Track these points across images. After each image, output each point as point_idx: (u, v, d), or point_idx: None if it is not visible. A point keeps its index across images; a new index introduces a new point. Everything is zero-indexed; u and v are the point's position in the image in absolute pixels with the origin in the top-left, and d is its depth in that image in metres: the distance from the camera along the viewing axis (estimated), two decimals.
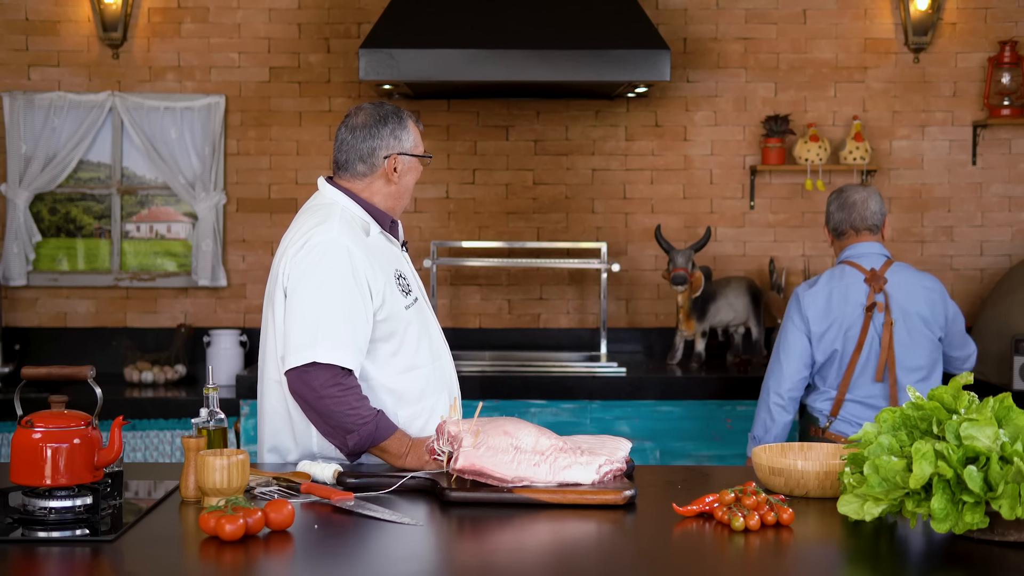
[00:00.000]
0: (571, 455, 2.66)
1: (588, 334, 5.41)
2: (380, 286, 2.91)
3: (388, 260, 2.99)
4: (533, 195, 5.43)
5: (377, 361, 2.92)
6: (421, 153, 3.06)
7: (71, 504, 2.37)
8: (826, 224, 4.04)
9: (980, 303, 5.37)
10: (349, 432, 2.81)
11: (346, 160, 3.01)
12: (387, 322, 2.92)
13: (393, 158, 3.00)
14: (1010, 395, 2.27)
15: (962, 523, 2.15)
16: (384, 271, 2.94)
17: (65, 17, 5.35)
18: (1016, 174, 5.40)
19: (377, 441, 2.83)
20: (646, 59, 4.70)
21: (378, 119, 3.00)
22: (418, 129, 3.08)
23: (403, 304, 2.95)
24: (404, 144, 3.02)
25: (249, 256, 5.43)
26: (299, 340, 2.82)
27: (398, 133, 3.01)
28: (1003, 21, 5.37)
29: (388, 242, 3.04)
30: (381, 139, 2.99)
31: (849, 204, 3.95)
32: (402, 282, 2.98)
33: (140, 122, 5.31)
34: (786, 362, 3.86)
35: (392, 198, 3.04)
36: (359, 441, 2.83)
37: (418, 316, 3.00)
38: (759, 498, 2.38)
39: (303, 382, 2.81)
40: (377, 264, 2.92)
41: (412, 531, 2.35)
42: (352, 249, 2.87)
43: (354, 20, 5.38)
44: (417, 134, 3.06)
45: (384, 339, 2.93)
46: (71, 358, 5.23)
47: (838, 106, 5.40)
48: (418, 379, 2.98)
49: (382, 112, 3.01)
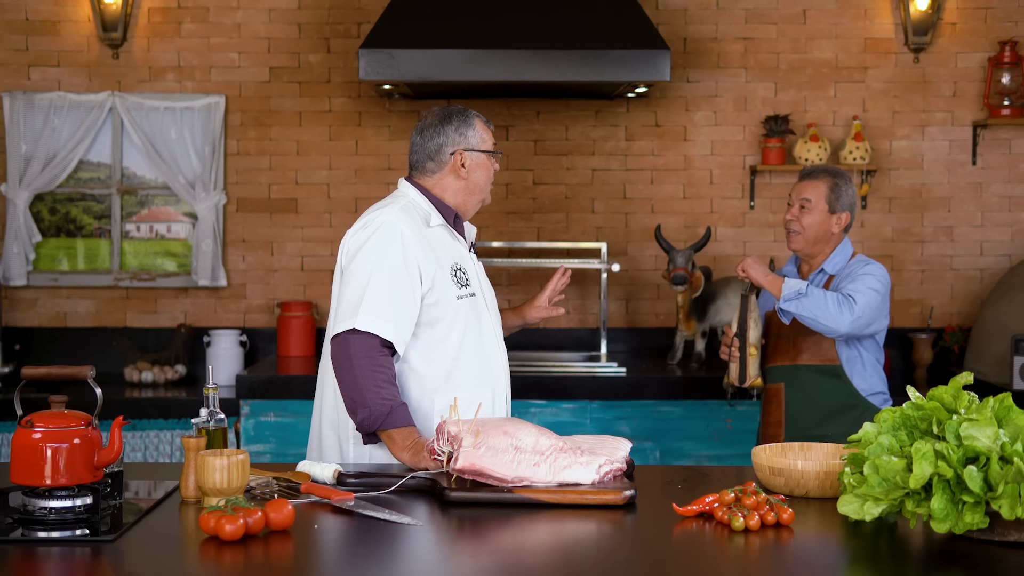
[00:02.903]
0: (571, 455, 2.66)
1: (588, 334, 5.41)
2: (431, 271, 3.02)
3: (447, 251, 3.10)
4: (533, 195, 5.43)
5: (419, 345, 3.03)
6: (489, 149, 3.16)
7: (71, 504, 2.37)
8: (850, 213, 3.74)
9: (980, 303, 5.36)
10: (364, 406, 2.88)
11: (417, 160, 3.17)
12: (435, 307, 3.03)
13: (459, 153, 3.12)
14: (1010, 395, 2.27)
15: (962, 523, 2.15)
16: (439, 259, 3.05)
17: (65, 17, 5.35)
18: (1016, 174, 5.40)
19: (387, 426, 2.88)
20: (646, 59, 4.70)
21: (443, 118, 3.14)
22: (487, 128, 3.18)
23: (455, 294, 3.06)
24: (470, 140, 3.13)
25: (249, 256, 5.43)
26: (345, 309, 2.96)
27: (463, 130, 3.13)
28: (1003, 21, 5.37)
29: (451, 236, 3.15)
30: (447, 136, 3.12)
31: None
32: (459, 275, 3.10)
33: (140, 122, 5.31)
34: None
35: (463, 193, 3.16)
36: (368, 418, 2.88)
37: (471, 309, 3.10)
38: (759, 498, 2.38)
39: (341, 348, 2.93)
40: (431, 251, 3.04)
41: (412, 531, 2.35)
42: (406, 232, 3.01)
43: (354, 20, 5.38)
44: (486, 132, 3.17)
45: (431, 324, 3.03)
46: (71, 358, 5.23)
47: (838, 106, 5.40)
48: (461, 369, 3.06)
49: (447, 112, 3.15)
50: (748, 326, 3.68)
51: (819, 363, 3.70)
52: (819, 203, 3.71)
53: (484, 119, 3.19)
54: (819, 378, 3.70)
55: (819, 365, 3.70)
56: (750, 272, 3.65)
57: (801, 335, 3.72)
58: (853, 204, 3.76)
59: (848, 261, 3.75)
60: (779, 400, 3.77)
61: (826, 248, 3.75)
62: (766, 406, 3.83)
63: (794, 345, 3.74)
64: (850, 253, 3.77)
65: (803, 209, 3.72)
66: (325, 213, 5.41)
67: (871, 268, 3.66)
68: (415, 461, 2.83)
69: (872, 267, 3.67)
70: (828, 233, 3.73)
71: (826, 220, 3.72)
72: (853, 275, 3.65)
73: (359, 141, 5.40)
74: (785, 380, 3.76)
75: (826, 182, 3.73)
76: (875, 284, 3.60)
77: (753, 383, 3.72)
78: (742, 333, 3.69)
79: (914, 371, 5.31)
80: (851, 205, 3.75)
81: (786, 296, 3.56)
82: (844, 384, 3.68)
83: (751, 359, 3.69)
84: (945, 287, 5.44)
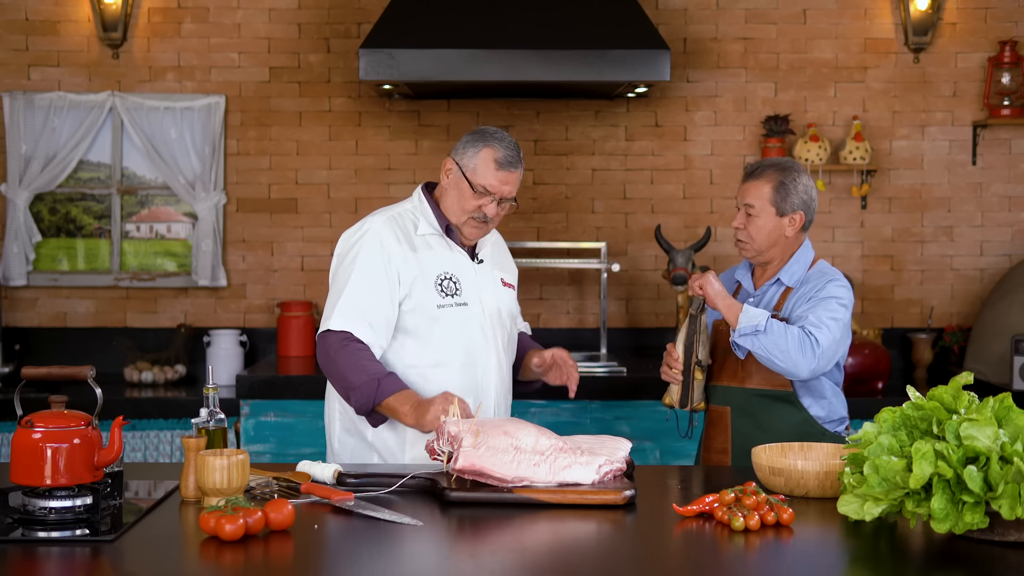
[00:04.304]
0: (571, 455, 2.66)
1: (588, 334, 5.41)
2: (410, 278, 3.05)
3: (436, 259, 3.10)
4: (533, 195, 5.42)
5: (397, 351, 3.07)
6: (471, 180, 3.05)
7: (71, 504, 2.37)
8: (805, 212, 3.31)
9: (980, 303, 5.37)
10: (353, 388, 2.92)
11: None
12: (412, 314, 3.05)
13: (449, 161, 3.12)
14: (1010, 395, 2.27)
15: (962, 523, 2.15)
16: (423, 267, 3.07)
17: (65, 17, 5.35)
18: (1016, 174, 5.40)
19: (380, 398, 2.90)
20: (646, 59, 4.70)
21: (473, 132, 3.12)
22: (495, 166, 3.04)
23: (435, 302, 3.06)
24: (465, 159, 3.08)
25: (249, 256, 5.43)
26: (325, 314, 3.06)
27: (467, 147, 3.09)
28: (1003, 21, 5.37)
29: (445, 245, 3.13)
30: (457, 144, 3.12)
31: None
32: (447, 284, 3.08)
33: (140, 122, 5.31)
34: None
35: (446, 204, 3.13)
36: (360, 397, 2.92)
37: (457, 319, 3.08)
38: (759, 498, 2.38)
39: (320, 349, 3.02)
40: (415, 259, 3.06)
41: (412, 531, 2.35)
42: (386, 238, 3.06)
43: (354, 20, 5.38)
44: (488, 166, 3.04)
45: (406, 331, 3.06)
46: (71, 358, 5.23)
47: (838, 106, 5.40)
48: (440, 377, 3.06)
49: (479, 128, 3.13)
50: (696, 348, 3.28)
51: (771, 388, 3.27)
52: (764, 207, 3.26)
53: (501, 157, 3.04)
54: (771, 404, 3.27)
55: (771, 390, 3.27)
56: (708, 291, 3.22)
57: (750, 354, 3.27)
58: (808, 201, 3.28)
59: (808, 270, 3.31)
60: (724, 425, 3.34)
61: (783, 253, 3.32)
62: (710, 429, 3.39)
63: (743, 366, 3.30)
64: (810, 260, 3.33)
65: (748, 217, 3.28)
66: (325, 213, 5.41)
67: (834, 289, 3.22)
68: (422, 423, 2.84)
69: (835, 287, 3.23)
70: (781, 238, 3.28)
71: (776, 225, 3.26)
72: (816, 298, 3.21)
73: (359, 141, 5.40)
74: (732, 404, 3.32)
75: (770, 181, 3.26)
76: (838, 313, 3.18)
77: (696, 407, 3.32)
78: (689, 355, 3.28)
79: (914, 371, 5.31)
80: (805, 203, 3.27)
81: (742, 330, 3.15)
82: (799, 411, 3.26)
83: (697, 382, 3.29)
84: (945, 287, 5.44)
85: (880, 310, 5.43)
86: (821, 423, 3.29)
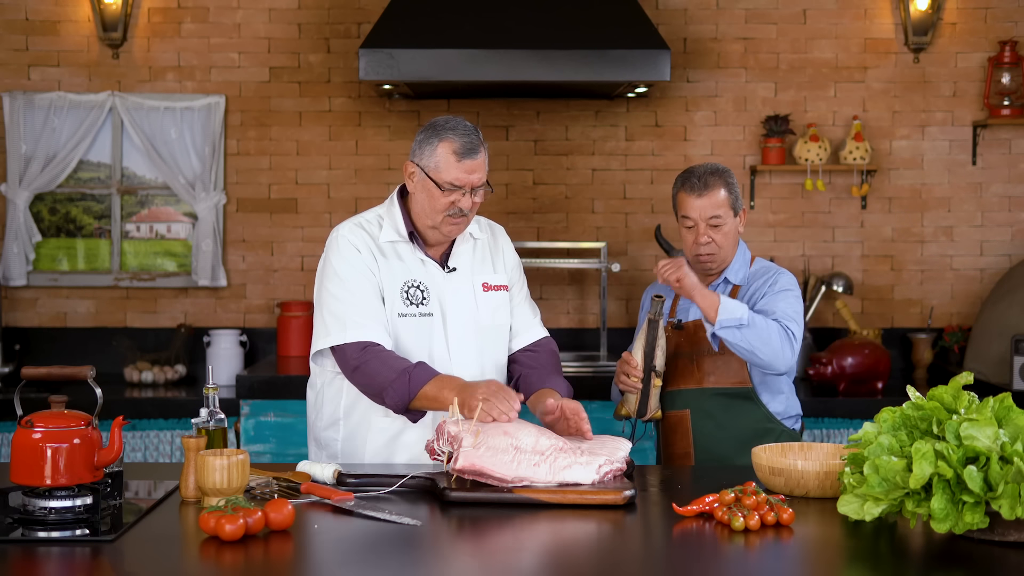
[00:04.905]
0: (571, 455, 2.66)
1: (588, 334, 5.41)
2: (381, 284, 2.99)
3: (403, 266, 3.00)
4: (533, 195, 5.43)
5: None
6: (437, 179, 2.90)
7: (71, 504, 2.37)
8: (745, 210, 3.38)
9: (980, 303, 5.36)
10: (385, 388, 2.86)
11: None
12: None
13: (410, 165, 2.98)
14: (1010, 395, 2.27)
15: (962, 523, 2.15)
16: (392, 273, 2.99)
17: (65, 17, 5.35)
18: (1016, 174, 5.40)
19: (414, 392, 2.84)
20: (646, 59, 4.70)
21: (424, 126, 2.97)
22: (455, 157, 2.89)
23: (398, 311, 2.98)
24: (424, 159, 2.93)
25: (249, 256, 5.43)
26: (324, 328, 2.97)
27: (423, 145, 2.94)
28: (1003, 21, 5.37)
29: (411, 251, 3.02)
30: (414, 144, 2.98)
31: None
32: (412, 292, 2.99)
33: (140, 122, 5.31)
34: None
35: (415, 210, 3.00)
36: (394, 394, 2.85)
37: (418, 329, 2.99)
38: (759, 498, 2.38)
39: (340, 360, 2.95)
40: (385, 264, 2.99)
41: (412, 531, 2.35)
42: (357, 244, 2.97)
43: (354, 20, 5.38)
44: (448, 158, 2.89)
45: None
46: (71, 358, 5.23)
47: (838, 106, 5.40)
48: None
49: (430, 122, 2.97)
50: (656, 354, 3.20)
51: (729, 386, 3.27)
52: (727, 213, 3.27)
53: (459, 148, 2.89)
54: (730, 402, 3.27)
55: (729, 388, 3.27)
56: (685, 283, 3.12)
57: (704, 355, 3.29)
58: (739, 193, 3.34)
59: (750, 267, 3.34)
60: (685, 428, 3.33)
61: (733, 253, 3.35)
62: (669, 436, 3.38)
63: (698, 367, 3.29)
64: (748, 256, 3.37)
65: (715, 228, 3.26)
66: (325, 213, 5.41)
67: (785, 281, 3.25)
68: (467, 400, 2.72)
69: (785, 279, 3.26)
70: (736, 237, 3.32)
71: (733, 226, 3.30)
72: (770, 292, 3.23)
73: (359, 141, 5.40)
74: (690, 406, 3.31)
75: (720, 187, 3.27)
76: (797, 304, 3.20)
77: (654, 416, 3.28)
78: (649, 363, 3.20)
79: (914, 371, 5.31)
80: (740, 195, 3.33)
81: (723, 323, 3.09)
82: (758, 408, 3.27)
83: (654, 390, 3.23)
84: (945, 287, 5.44)
85: (880, 310, 5.43)
86: (780, 418, 3.30)
